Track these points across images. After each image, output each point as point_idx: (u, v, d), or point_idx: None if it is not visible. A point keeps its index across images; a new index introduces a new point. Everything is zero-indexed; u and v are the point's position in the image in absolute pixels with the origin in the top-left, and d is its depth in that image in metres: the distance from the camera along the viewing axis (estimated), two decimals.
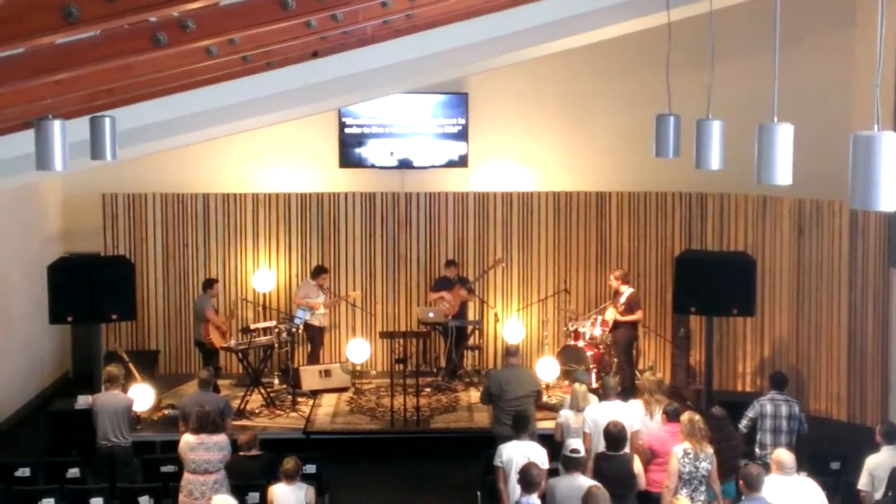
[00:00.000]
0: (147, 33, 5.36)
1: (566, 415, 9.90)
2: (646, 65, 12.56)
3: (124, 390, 10.78)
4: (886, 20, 4.72)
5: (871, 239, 12.61)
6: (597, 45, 12.35)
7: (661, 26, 9.82)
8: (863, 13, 13.25)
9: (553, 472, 8.91)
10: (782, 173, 5.72)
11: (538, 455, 8.61)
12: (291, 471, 8.53)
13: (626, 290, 13.37)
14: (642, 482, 8.60)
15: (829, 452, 9.98)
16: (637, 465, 8.60)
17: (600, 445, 9.03)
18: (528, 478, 7.64)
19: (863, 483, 8.56)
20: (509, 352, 10.91)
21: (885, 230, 12.28)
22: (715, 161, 7.57)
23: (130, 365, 12.54)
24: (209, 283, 13.59)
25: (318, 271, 14.03)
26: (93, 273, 11.80)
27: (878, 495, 8.44)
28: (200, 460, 8.88)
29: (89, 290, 11.65)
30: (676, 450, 8.45)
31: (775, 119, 5.75)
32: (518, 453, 8.69)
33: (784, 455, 7.95)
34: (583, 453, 8.25)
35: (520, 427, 9.06)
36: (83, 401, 11.33)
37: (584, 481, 7.96)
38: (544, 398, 12.44)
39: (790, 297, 13.56)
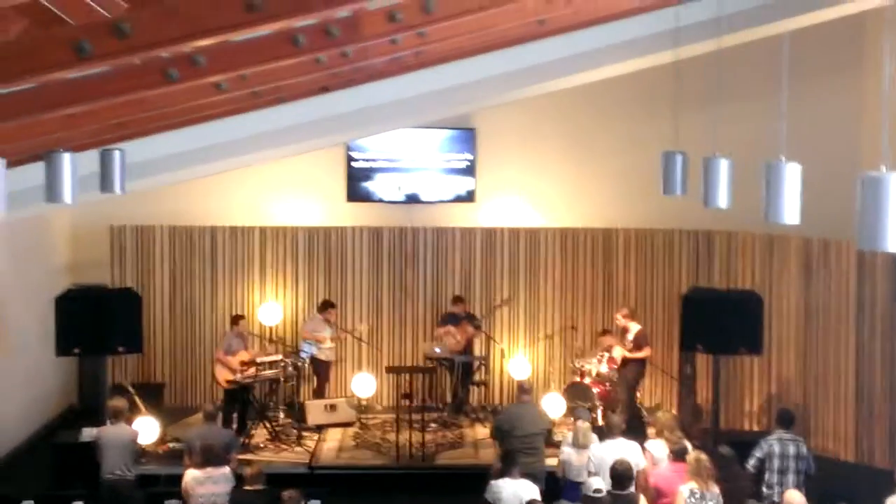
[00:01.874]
0: (159, 68, 5.40)
1: (569, 452, 9.86)
2: (653, 102, 12.62)
3: (129, 423, 10.75)
4: (893, 60, 4.74)
5: (878, 279, 12.58)
6: (604, 81, 12.39)
7: (668, 64, 9.87)
8: (870, 52, 13.30)
9: None
10: (790, 212, 5.73)
11: (531, 492, 8.58)
12: (290, 502, 8.48)
13: (634, 327, 13.33)
14: None
15: (837, 493, 9.89)
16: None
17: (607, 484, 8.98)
18: None
19: None
20: (522, 389, 10.90)
21: (893, 270, 12.25)
22: (723, 199, 7.59)
23: (136, 397, 12.53)
24: (234, 320, 13.34)
25: (326, 306, 14.01)
26: (100, 305, 11.82)
27: None
28: (209, 494, 8.84)
29: (96, 321, 11.65)
30: (682, 489, 8.41)
31: (783, 158, 5.77)
32: (508, 491, 8.64)
33: (795, 496, 7.91)
34: (605, 493, 8.18)
35: (509, 464, 9.00)
36: (88, 433, 11.30)
37: None
38: (559, 436, 12.40)
39: (797, 336, 13.50)
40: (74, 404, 14.86)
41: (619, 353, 13.34)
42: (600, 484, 8.27)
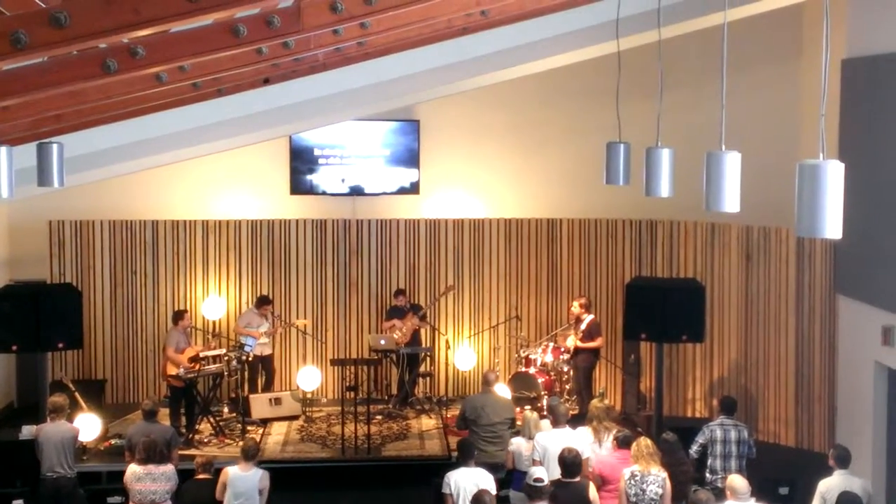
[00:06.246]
0: (97, 60, 5.32)
1: (518, 442, 9.91)
2: (596, 93, 12.69)
3: (70, 420, 10.61)
4: (831, 50, 4.81)
5: (817, 266, 12.79)
6: (547, 73, 12.48)
7: (610, 55, 9.93)
8: (808, 43, 13.50)
9: (502, 500, 8.90)
10: (730, 201, 5.79)
11: (486, 482, 8.60)
12: (249, 451, 8.91)
13: (587, 318, 13.42)
14: None
15: (777, 478, 10.07)
16: (592, 492, 8.61)
17: (551, 473, 9.04)
18: None
19: None
20: (486, 380, 10.97)
21: (831, 257, 12.46)
22: (664, 188, 7.65)
23: (76, 394, 12.36)
24: (178, 315, 13.07)
25: (262, 301, 13.88)
26: (39, 301, 11.63)
27: None
28: (146, 491, 8.78)
29: (35, 318, 11.49)
30: (625, 472, 8.55)
31: (723, 147, 5.83)
32: (466, 480, 8.68)
33: (738, 481, 8.03)
34: (546, 482, 8.22)
35: (466, 454, 9.04)
36: (28, 431, 11.14)
37: None
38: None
39: (738, 323, 13.69)
40: (13, 402, 14.64)
41: (571, 342, 13.43)
42: (542, 473, 8.31)
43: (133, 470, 8.95)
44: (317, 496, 11.59)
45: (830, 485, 8.63)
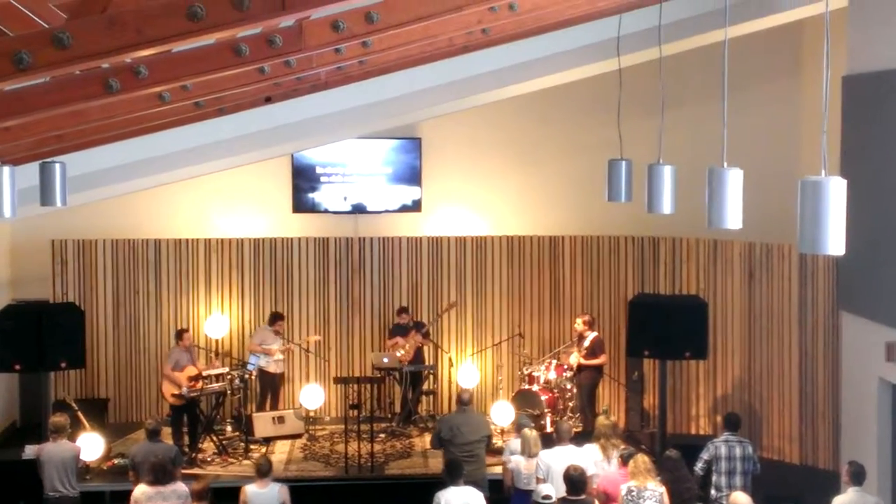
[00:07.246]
0: (99, 79, 5.34)
1: (517, 460, 9.89)
2: (597, 110, 12.71)
3: (73, 439, 10.59)
4: (832, 66, 4.82)
5: (820, 282, 12.77)
6: (549, 90, 12.50)
7: (612, 72, 9.96)
8: (809, 60, 13.53)
9: None
10: (732, 217, 5.80)
11: (477, 501, 8.60)
12: (262, 468, 9.04)
13: (591, 335, 13.41)
14: None
15: (782, 495, 10.03)
16: None
17: (556, 490, 9.03)
18: None
19: None
20: (461, 399, 10.93)
21: (834, 273, 12.44)
22: (666, 205, 7.66)
23: (79, 413, 12.34)
24: (178, 335, 13.08)
25: (275, 318, 13.89)
26: (42, 320, 11.64)
27: None
28: None
29: (38, 337, 11.49)
30: (622, 488, 8.56)
31: (725, 164, 5.83)
32: (456, 500, 8.65)
33: (741, 498, 8.01)
34: (554, 499, 8.22)
35: (454, 474, 9.02)
36: (31, 450, 11.11)
37: None
38: (500, 443, 12.44)
39: (742, 340, 13.66)
40: (16, 421, 14.62)
41: (574, 359, 13.41)
42: (550, 490, 8.30)
43: (143, 490, 8.94)
44: None
45: (843, 502, 8.60)
